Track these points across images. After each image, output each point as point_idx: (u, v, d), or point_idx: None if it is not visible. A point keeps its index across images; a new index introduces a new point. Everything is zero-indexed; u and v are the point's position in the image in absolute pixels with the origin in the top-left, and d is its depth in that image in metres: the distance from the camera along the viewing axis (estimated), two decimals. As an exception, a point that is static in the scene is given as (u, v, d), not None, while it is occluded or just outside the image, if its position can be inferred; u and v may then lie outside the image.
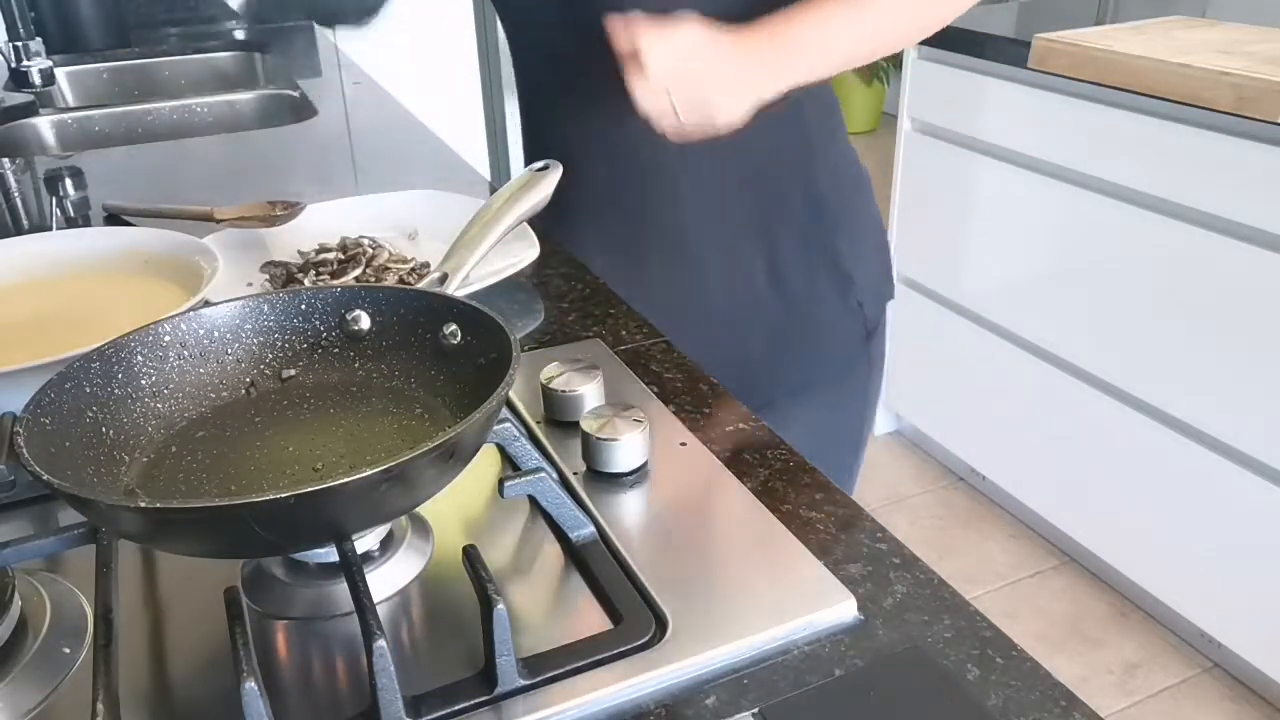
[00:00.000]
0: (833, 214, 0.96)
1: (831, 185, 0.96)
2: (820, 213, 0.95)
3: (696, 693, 0.45)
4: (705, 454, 0.62)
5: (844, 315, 0.99)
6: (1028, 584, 1.99)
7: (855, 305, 0.99)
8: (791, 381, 0.99)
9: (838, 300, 0.98)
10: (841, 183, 0.98)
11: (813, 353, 0.99)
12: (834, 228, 0.96)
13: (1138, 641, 1.85)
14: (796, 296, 0.96)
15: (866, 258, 1.00)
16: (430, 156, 1.32)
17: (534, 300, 0.86)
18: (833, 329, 0.99)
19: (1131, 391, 1.75)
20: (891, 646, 0.48)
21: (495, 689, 0.45)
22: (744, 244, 0.95)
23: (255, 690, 0.40)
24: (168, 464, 0.52)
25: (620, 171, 0.93)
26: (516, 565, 0.54)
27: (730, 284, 0.96)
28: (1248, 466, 1.60)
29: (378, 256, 0.87)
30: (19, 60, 1.66)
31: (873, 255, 1.01)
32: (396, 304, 0.59)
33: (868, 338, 1.01)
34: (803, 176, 0.94)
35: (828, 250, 0.96)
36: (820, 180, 0.95)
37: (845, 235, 0.97)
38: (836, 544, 0.55)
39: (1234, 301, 1.56)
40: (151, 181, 1.24)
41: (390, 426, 0.55)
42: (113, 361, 0.53)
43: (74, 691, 0.46)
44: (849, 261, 0.97)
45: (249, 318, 0.58)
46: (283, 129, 1.52)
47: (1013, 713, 0.44)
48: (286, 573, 0.52)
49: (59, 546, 0.51)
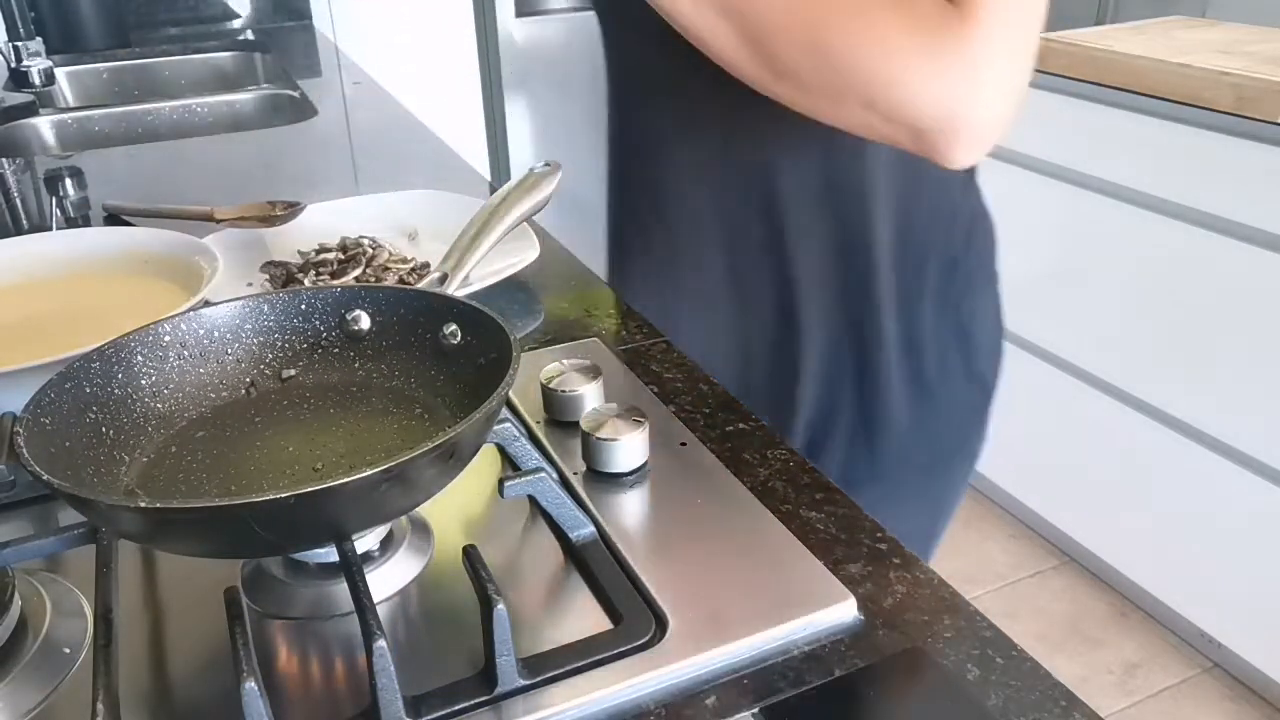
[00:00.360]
0: (964, 272, 0.84)
1: (965, 241, 0.84)
2: (952, 272, 0.83)
3: (696, 693, 0.45)
4: (705, 454, 0.62)
5: (968, 381, 0.87)
6: (1028, 584, 1.99)
7: (978, 370, 0.88)
8: (915, 461, 0.87)
9: (962, 365, 0.86)
10: (975, 237, 0.85)
11: (936, 427, 0.87)
12: (964, 288, 0.84)
13: (1138, 641, 1.85)
14: (926, 369, 0.84)
15: (987, 311, 0.88)
16: (430, 156, 1.32)
17: (534, 300, 0.86)
18: (958, 399, 0.87)
19: (1131, 391, 1.75)
20: (891, 646, 0.48)
21: (495, 689, 0.45)
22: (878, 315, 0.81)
23: (255, 690, 0.40)
24: (168, 464, 0.52)
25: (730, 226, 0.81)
26: (516, 565, 0.54)
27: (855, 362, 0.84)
28: (1248, 466, 1.60)
29: (378, 256, 0.87)
30: (19, 60, 1.66)
31: (991, 307, 0.88)
32: (396, 304, 0.59)
33: (987, 402, 0.90)
34: (943, 236, 0.82)
35: (960, 312, 0.84)
36: (957, 239, 0.83)
37: (972, 293, 0.85)
38: (836, 544, 0.54)
39: (1234, 301, 1.56)
40: (151, 181, 1.24)
41: (390, 426, 0.55)
42: (113, 361, 0.53)
43: (74, 691, 0.46)
44: (972, 321, 0.86)
45: (249, 318, 0.58)
46: (283, 129, 1.52)
47: (1013, 713, 0.44)
48: (286, 573, 0.52)
49: (59, 546, 0.51)
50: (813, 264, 0.79)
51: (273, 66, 1.95)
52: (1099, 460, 1.86)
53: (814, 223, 0.78)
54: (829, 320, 0.81)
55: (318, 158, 1.35)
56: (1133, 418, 1.76)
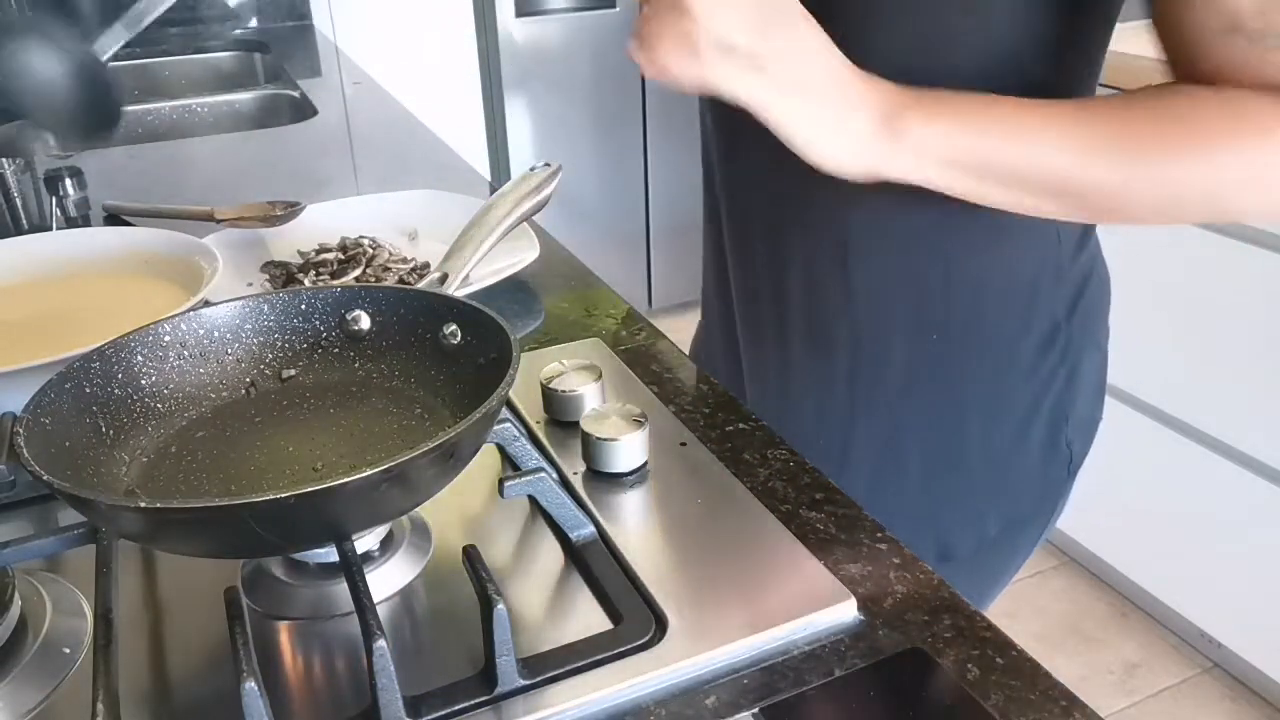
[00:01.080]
0: (1062, 343, 0.75)
1: (1067, 309, 0.74)
2: (1048, 346, 0.74)
3: (696, 693, 0.45)
4: (705, 454, 0.62)
5: (1051, 456, 0.79)
6: (1028, 584, 1.99)
7: (1064, 445, 0.79)
8: (979, 533, 0.80)
9: (1046, 440, 0.78)
10: (1084, 300, 0.76)
11: (1009, 499, 0.80)
12: (1060, 357, 0.75)
13: (1138, 641, 1.85)
14: (1002, 444, 0.77)
15: (1085, 377, 0.78)
16: (430, 156, 1.32)
17: (534, 300, 0.86)
18: (1038, 471, 0.79)
19: (1132, 392, 1.75)
20: (891, 646, 0.48)
21: (495, 689, 0.44)
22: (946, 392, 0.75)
23: (255, 690, 0.40)
24: (168, 464, 0.52)
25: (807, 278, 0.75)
26: (516, 565, 0.54)
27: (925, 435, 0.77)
28: (1248, 466, 1.60)
29: (378, 256, 0.87)
30: (19, 60, 1.66)
31: (1091, 373, 0.79)
32: (396, 304, 0.59)
33: (1069, 476, 0.81)
34: (1045, 303, 0.73)
35: (1054, 381, 0.76)
36: (1060, 305, 0.74)
37: (1068, 360, 0.76)
38: (836, 544, 0.54)
39: (1234, 301, 1.56)
40: (151, 181, 1.24)
41: (390, 426, 0.55)
42: (113, 361, 0.53)
43: (74, 691, 0.46)
44: (1065, 390, 0.77)
45: (249, 318, 0.58)
46: (283, 129, 1.52)
47: (1013, 713, 0.44)
48: (286, 573, 0.52)
49: (59, 546, 0.51)
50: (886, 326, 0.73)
51: (273, 66, 1.95)
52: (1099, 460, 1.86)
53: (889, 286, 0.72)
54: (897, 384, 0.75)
55: (318, 158, 1.35)
56: (1133, 418, 1.76)
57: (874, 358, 0.75)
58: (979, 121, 0.56)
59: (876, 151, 0.56)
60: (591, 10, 2.64)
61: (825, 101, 0.55)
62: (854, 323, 0.74)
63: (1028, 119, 0.56)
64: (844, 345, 0.75)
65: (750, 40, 0.53)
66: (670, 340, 0.78)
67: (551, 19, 2.62)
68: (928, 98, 0.57)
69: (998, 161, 0.56)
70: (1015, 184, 0.57)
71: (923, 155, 0.56)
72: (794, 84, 0.53)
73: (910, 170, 0.57)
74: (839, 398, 0.77)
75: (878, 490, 0.78)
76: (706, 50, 0.52)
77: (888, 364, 0.75)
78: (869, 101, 0.56)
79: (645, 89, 2.77)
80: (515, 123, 2.69)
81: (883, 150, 0.56)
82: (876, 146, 0.56)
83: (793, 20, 0.54)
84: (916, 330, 0.73)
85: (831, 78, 0.55)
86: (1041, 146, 0.56)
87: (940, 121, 0.56)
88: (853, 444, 0.78)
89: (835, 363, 0.76)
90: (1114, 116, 0.56)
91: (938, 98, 0.57)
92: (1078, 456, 0.81)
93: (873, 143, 0.56)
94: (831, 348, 0.76)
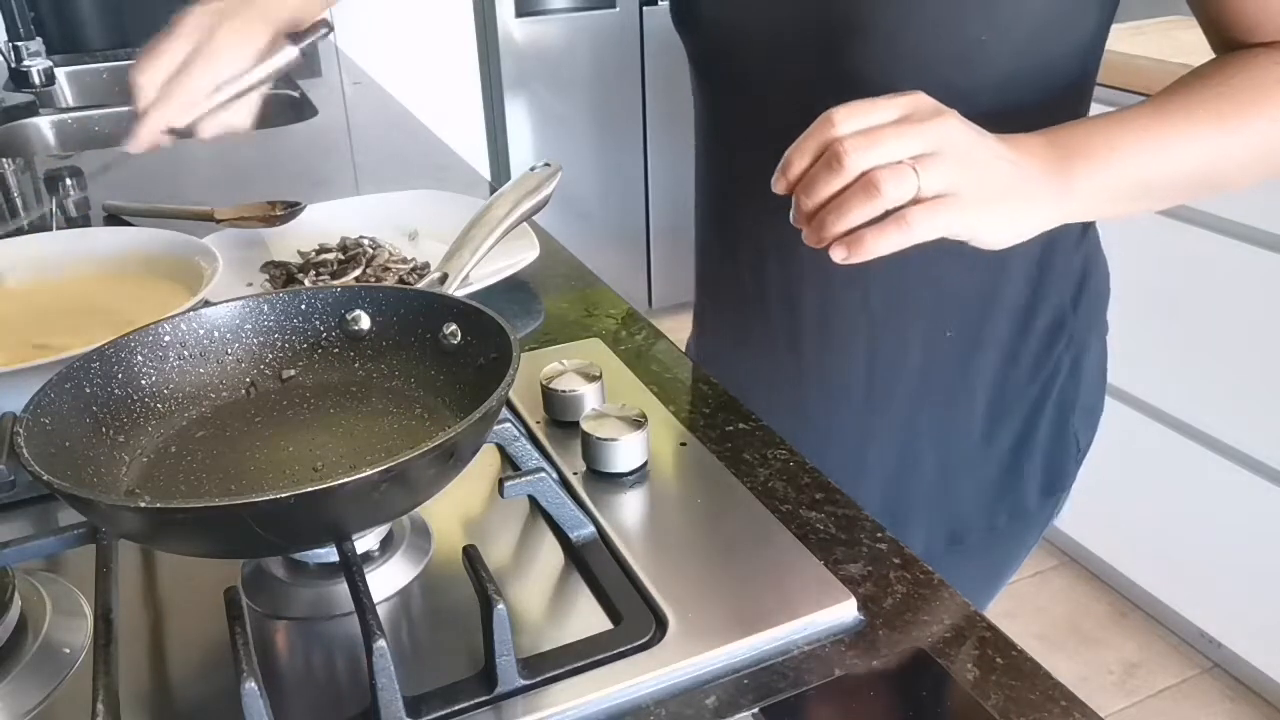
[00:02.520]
0: (1068, 333, 0.77)
1: (1072, 299, 0.77)
2: (1054, 336, 0.76)
3: (696, 693, 0.45)
4: (705, 454, 0.62)
5: (1060, 445, 0.81)
6: (1028, 584, 1.99)
7: (1071, 434, 0.81)
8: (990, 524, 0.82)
9: (1054, 430, 0.80)
10: (1086, 293, 0.78)
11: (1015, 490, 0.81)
12: (1064, 350, 0.78)
13: (1138, 641, 1.85)
14: (1012, 438, 0.79)
15: (1089, 369, 0.81)
16: (430, 156, 1.32)
17: (534, 300, 0.86)
18: (1045, 462, 0.81)
19: (1131, 391, 1.75)
20: (891, 646, 0.48)
21: (495, 689, 0.44)
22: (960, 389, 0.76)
23: (255, 690, 0.40)
24: (168, 464, 0.52)
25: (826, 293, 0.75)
26: (516, 565, 0.54)
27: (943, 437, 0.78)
28: (1248, 466, 1.60)
29: (378, 256, 0.87)
30: (19, 60, 1.66)
31: (1094, 364, 0.82)
32: (396, 304, 0.59)
33: (1076, 465, 0.84)
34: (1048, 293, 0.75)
35: (1055, 379, 0.78)
36: (1065, 295, 0.76)
37: (1071, 352, 0.78)
38: (836, 544, 0.54)
39: (1234, 301, 1.56)
40: (151, 181, 1.24)
41: (390, 426, 0.55)
42: (113, 361, 0.53)
43: (74, 691, 0.46)
44: (1070, 381, 0.79)
45: (249, 318, 0.58)
46: (283, 129, 1.52)
47: (1013, 713, 0.44)
48: (286, 573, 0.52)
49: (59, 546, 0.51)
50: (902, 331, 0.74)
51: (272, 66, 1.94)
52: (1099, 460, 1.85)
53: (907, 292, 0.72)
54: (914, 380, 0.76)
55: (318, 158, 1.35)
56: (1133, 418, 1.76)
57: (890, 360, 0.75)
58: (1126, 149, 0.57)
59: (1055, 220, 0.57)
60: (591, 10, 2.64)
61: (1010, 200, 0.54)
62: (871, 332, 0.75)
63: (1156, 127, 0.58)
64: (860, 352, 0.76)
65: (946, 185, 0.52)
66: (670, 340, 0.78)
67: (551, 19, 2.62)
68: (1076, 144, 0.57)
69: (1152, 178, 0.58)
70: (1169, 192, 0.60)
71: (1088, 203, 0.57)
72: (982, 201, 0.53)
73: (1078, 216, 0.59)
74: (855, 401, 0.77)
75: (895, 486, 0.79)
76: (915, 217, 0.51)
77: (903, 364, 0.75)
78: (1041, 180, 0.55)
79: (645, 89, 2.77)
80: (515, 123, 2.69)
81: (1059, 216, 0.57)
82: (1055, 217, 0.57)
83: (970, 142, 0.53)
84: (932, 329, 0.74)
85: (1008, 176, 0.54)
86: (1180, 150, 0.58)
87: (1097, 168, 0.56)
88: (869, 444, 0.79)
89: (851, 369, 0.76)
90: (1208, 96, 0.58)
91: (1085, 139, 0.57)
92: (1084, 446, 0.83)
93: (1054, 216, 0.57)
94: (847, 355, 0.76)
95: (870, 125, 0.51)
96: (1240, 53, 0.60)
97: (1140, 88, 1.60)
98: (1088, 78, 0.70)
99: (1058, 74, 0.66)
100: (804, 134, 0.52)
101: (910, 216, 0.51)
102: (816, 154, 0.51)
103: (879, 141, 0.50)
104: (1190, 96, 0.59)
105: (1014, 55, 0.63)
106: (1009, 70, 0.63)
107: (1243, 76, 0.58)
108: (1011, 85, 0.64)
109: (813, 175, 0.51)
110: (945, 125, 0.52)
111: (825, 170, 0.51)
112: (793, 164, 0.52)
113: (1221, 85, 0.58)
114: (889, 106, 0.52)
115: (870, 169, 0.50)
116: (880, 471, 0.79)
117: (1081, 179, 0.56)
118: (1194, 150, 0.58)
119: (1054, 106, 0.65)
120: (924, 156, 0.51)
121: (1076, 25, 0.65)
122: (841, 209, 0.51)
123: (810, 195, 0.51)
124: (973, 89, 0.61)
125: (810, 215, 0.52)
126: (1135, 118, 0.58)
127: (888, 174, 0.50)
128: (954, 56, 0.63)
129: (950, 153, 0.51)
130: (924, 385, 0.76)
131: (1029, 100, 0.64)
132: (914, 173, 0.50)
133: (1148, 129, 0.58)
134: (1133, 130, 0.57)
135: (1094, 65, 0.70)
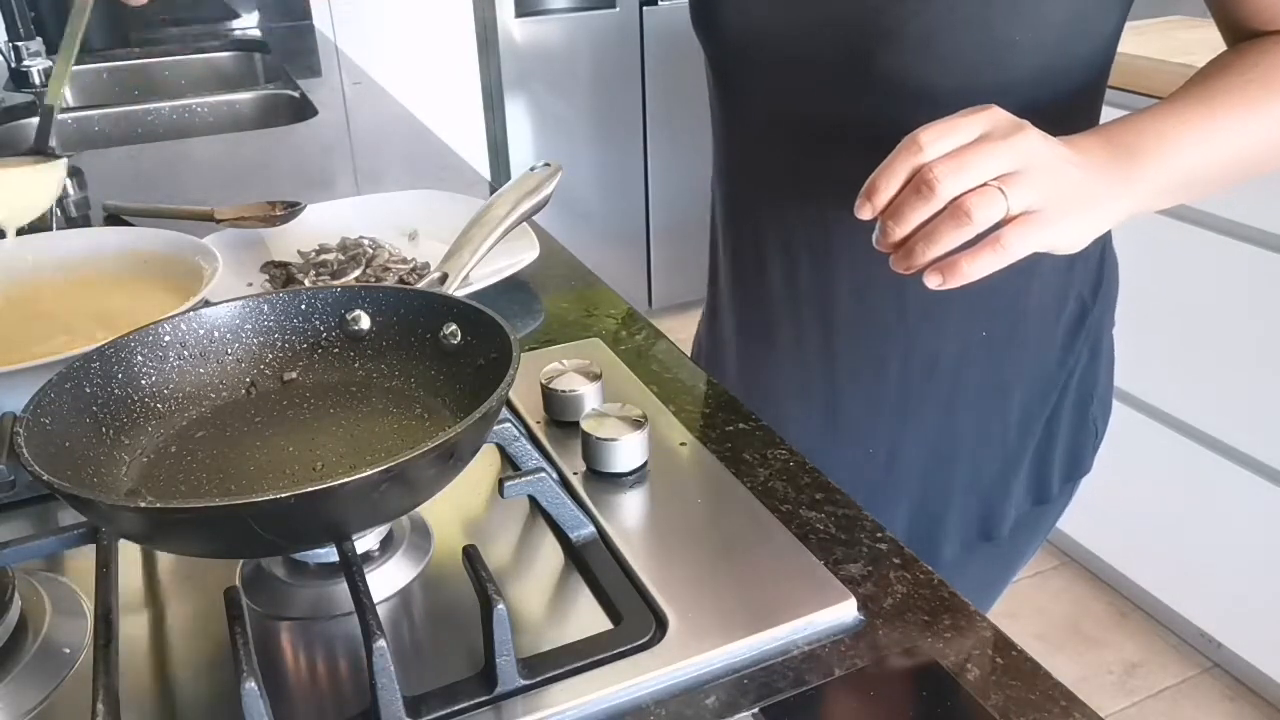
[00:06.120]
0: (1089, 323, 0.79)
1: (1092, 289, 0.78)
2: (1078, 326, 0.78)
3: (696, 693, 0.45)
4: (705, 454, 0.62)
5: (1080, 435, 0.83)
6: (1028, 584, 1.99)
7: (1091, 422, 0.84)
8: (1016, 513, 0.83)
9: (1076, 418, 0.82)
10: (1104, 280, 0.80)
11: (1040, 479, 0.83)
12: (1086, 338, 0.79)
13: (1138, 641, 1.85)
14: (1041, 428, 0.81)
15: (1105, 360, 0.84)
16: (430, 156, 1.32)
17: (534, 300, 0.86)
18: (1067, 452, 0.83)
19: (1132, 391, 1.75)
20: (891, 646, 0.48)
21: (495, 689, 0.44)
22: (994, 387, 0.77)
23: (255, 690, 0.40)
24: (168, 464, 0.52)
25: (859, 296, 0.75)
26: (516, 565, 0.54)
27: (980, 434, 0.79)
28: (1248, 467, 1.60)
29: (378, 256, 0.87)
30: (19, 60, 1.66)
31: (1108, 354, 0.84)
32: (396, 304, 0.59)
33: (1093, 453, 0.86)
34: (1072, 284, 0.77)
35: (1076, 367, 0.80)
36: (1086, 286, 0.78)
37: (1090, 344, 0.80)
38: (836, 544, 0.54)
39: (1234, 301, 1.56)
40: (151, 181, 1.24)
41: (390, 426, 0.55)
42: (113, 361, 0.53)
43: (74, 691, 0.46)
44: (1090, 371, 0.81)
45: (249, 318, 0.58)
46: (283, 129, 1.52)
47: (1013, 713, 0.44)
48: (286, 573, 0.52)
49: (59, 546, 0.51)
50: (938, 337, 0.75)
51: (273, 66, 1.95)
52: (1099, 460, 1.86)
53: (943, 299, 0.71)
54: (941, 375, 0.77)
55: (318, 158, 1.35)
56: (1133, 418, 1.76)
57: (925, 362, 0.76)
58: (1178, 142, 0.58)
59: (1119, 219, 0.57)
60: (591, 10, 2.64)
61: (1084, 207, 0.55)
62: (906, 335, 0.75)
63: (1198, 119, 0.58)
64: (895, 353, 0.76)
65: (1032, 202, 0.52)
66: (670, 340, 0.78)
67: (551, 19, 2.62)
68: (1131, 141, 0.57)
69: (1202, 168, 0.59)
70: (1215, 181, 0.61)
71: (1145, 199, 0.58)
72: (1064, 213, 0.53)
73: (1136, 212, 0.59)
74: (889, 402, 0.78)
75: (930, 484, 0.80)
76: (1009, 239, 0.51)
77: (938, 365, 0.76)
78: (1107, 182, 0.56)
79: (645, 89, 2.77)
80: (515, 123, 2.69)
81: (1123, 215, 0.57)
82: (1120, 216, 0.57)
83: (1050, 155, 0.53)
84: (967, 330, 0.74)
85: (1080, 183, 0.54)
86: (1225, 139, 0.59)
87: (1153, 164, 0.57)
88: (903, 444, 0.79)
89: (885, 371, 0.77)
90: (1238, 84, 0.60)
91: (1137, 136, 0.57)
92: (1100, 432, 0.85)
93: (1119, 215, 0.57)
94: (881, 357, 0.76)
95: (956, 146, 0.51)
96: (1254, 42, 0.62)
97: (1140, 88, 1.60)
98: (1103, 77, 0.70)
99: (1079, 73, 0.66)
100: (889, 158, 0.52)
101: (1004, 239, 0.51)
102: (905, 179, 0.51)
103: (968, 166, 0.50)
104: (1222, 86, 0.60)
105: (1043, 54, 0.63)
106: (1037, 70, 0.64)
107: (1267, 63, 0.60)
108: (1037, 85, 0.64)
109: (901, 202, 0.51)
110: (1026, 141, 0.52)
111: (915, 197, 0.50)
112: (879, 190, 0.52)
113: (1249, 72, 0.60)
114: (971, 124, 0.52)
115: (960, 195, 0.50)
116: (915, 470, 0.80)
117: (1140, 176, 0.57)
118: (1236, 138, 0.59)
119: (1072, 107, 0.66)
120: (1009, 175, 0.51)
121: (1101, 23, 0.66)
122: (932, 237, 0.51)
123: (900, 223, 0.51)
124: (1001, 89, 0.61)
125: (899, 243, 0.52)
126: (1177, 111, 0.58)
127: (978, 200, 0.50)
128: (986, 57, 0.63)
129: (1033, 169, 0.51)
130: (958, 385, 0.76)
131: (1052, 100, 0.65)
132: (1002, 194, 0.50)
133: (1190, 121, 0.58)
134: (1179, 124, 0.58)
135: (1109, 65, 0.70)
